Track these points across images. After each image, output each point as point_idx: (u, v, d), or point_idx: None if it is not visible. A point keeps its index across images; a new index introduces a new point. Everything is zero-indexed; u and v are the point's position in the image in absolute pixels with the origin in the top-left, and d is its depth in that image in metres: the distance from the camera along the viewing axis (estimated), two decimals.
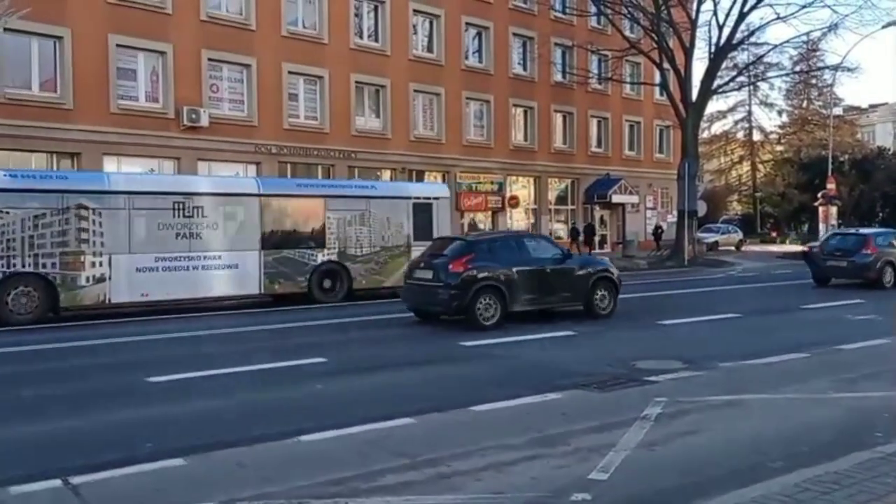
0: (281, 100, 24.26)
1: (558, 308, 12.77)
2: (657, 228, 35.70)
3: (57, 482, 4.75)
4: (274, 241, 15.53)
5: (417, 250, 16.42)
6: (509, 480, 4.71)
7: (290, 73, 24.43)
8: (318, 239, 16.09)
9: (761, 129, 58.75)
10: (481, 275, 11.56)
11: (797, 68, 47.49)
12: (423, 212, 17.55)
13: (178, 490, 4.68)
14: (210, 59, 22.64)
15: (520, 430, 5.79)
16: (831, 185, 35.19)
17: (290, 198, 16.17)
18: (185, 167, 22.15)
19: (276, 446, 5.51)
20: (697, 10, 29.31)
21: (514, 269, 11.86)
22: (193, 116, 21.82)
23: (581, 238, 32.53)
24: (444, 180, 29.41)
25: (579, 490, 4.51)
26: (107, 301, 13.64)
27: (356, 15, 26.45)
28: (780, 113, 58.51)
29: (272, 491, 4.57)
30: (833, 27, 29.82)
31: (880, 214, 50.12)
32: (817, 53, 44.90)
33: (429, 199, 18.00)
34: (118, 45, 20.88)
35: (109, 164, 20.94)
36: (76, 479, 4.79)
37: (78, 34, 20.09)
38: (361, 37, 26.59)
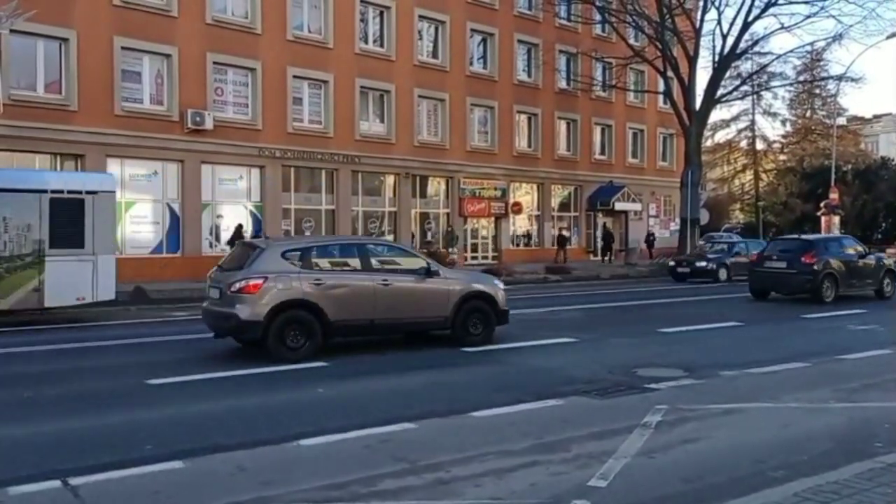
0: (285, 104, 24.32)
1: (859, 292, 16.22)
2: (649, 236, 35.47)
3: (56, 483, 4.77)
4: None
5: (57, 262, 13.03)
6: (508, 486, 4.71)
7: (294, 77, 24.50)
8: None
9: (764, 139, 58.69)
10: (824, 265, 15.93)
11: (801, 78, 47.52)
12: (68, 210, 13.36)
13: (177, 493, 4.69)
14: (215, 63, 22.71)
15: (520, 436, 5.79)
16: (834, 195, 35.14)
17: None
18: (188, 170, 22.23)
19: (276, 450, 5.52)
20: (701, 20, 29.39)
21: (839, 261, 16.04)
22: (198, 119, 21.88)
23: (600, 245, 32.64)
24: (447, 186, 29.51)
25: (578, 497, 4.51)
26: None
27: (361, 20, 26.54)
28: (783, 122, 58.44)
29: (272, 495, 4.57)
30: (837, 37, 29.96)
31: (883, 225, 50.07)
32: (821, 63, 44.93)
33: (78, 193, 13.58)
34: (123, 48, 20.97)
35: (113, 166, 21.01)
36: (75, 481, 4.80)
37: (83, 36, 20.18)
38: (366, 42, 26.67)
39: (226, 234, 23.48)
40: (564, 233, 32.33)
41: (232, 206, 23.69)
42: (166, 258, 21.76)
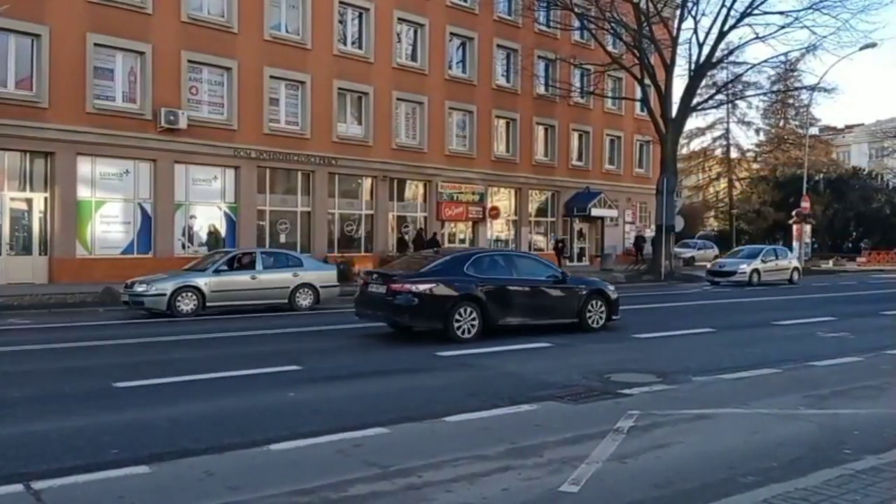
0: (261, 104, 24.12)
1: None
2: (639, 239, 34.89)
3: (19, 487, 4.66)
4: None
5: None
6: (480, 492, 4.68)
7: (271, 77, 24.31)
8: None
9: (739, 147, 59.50)
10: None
11: (775, 88, 48.18)
12: None
13: (142, 497, 4.59)
14: (190, 61, 22.46)
15: (493, 441, 5.77)
16: (806, 204, 35.76)
17: None
18: (161, 169, 21.95)
19: (245, 454, 5.44)
20: (678, 28, 29.70)
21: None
22: (171, 118, 21.61)
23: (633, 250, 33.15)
24: (425, 189, 29.50)
25: (550, 502, 4.51)
26: None
27: (340, 21, 26.43)
28: (757, 131, 59.32)
29: (239, 500, 4.51)
30: (811, 48, 30.42)
31: (854, 234, 51.02)
32: (795, 74, 45.59)
33: None
34: (96, 45, 20.66)
35: (84, 164, 20.70)
36: (38, 485, 4.69)
37: (56, 32, 19.85)
38: (345, 43, 26.57)
39: (201, 236, 23.27)
40: (409, 235, 28.52)
41: (205, 207, 23.44)
42: (137, 259, 21.45)
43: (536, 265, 13.23)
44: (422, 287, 11.12)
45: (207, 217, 23.48)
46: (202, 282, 14.94)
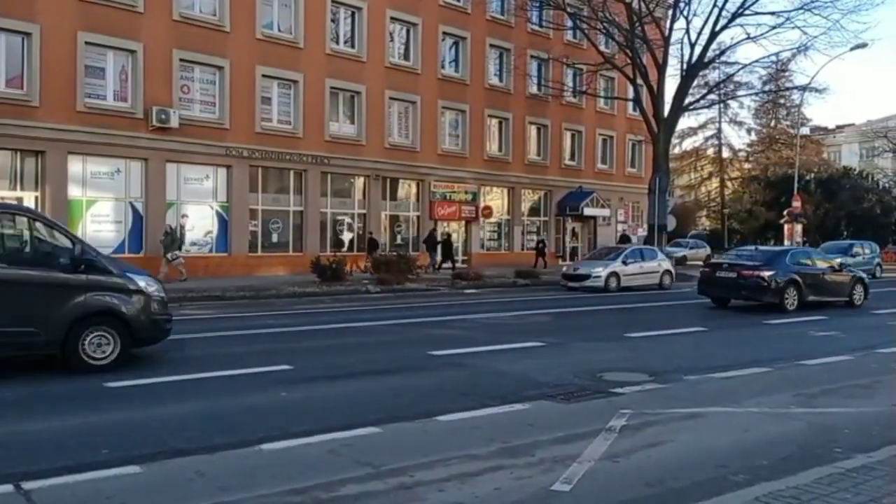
0: (254, 103, 24.06)
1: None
2: (623, 239, 35.07)
3: (9, 487, 4.64)
4: None
5: None
6: (472, 491, 4.68)
7: (263, 76, 24.25)
8: None
9: (730, 147, 59.76)
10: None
11: (766, 88, 48.37)
12: None
13: (132, 498, 4.57)
14: (182, 60, 22.38)
15: (485, 441, 5.76)
16: (797, 203, 35.89)
17: None
18: (152, 168, 21.85)
19: (236, 454, 5.42)
20: (670, 28, 29.74)
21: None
22: (163, 117, 21.52)
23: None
24: (418, 189, 29.49)
25: (541, 501, 4.51)
26: None
27: (332, 20, 26.39)
28: (748, 131, 59.60)
29: (229, 500, 4.49)
30: (802, 48, 30.41)
31: (844, 233, 51.26)
32: (786, 74, 45.78)
33: None
34: (87, 43, 20.56)
35: (74, 163, 20.59)
36: (28, 485, 4.66)
37: (47, 31, 19.74)
38: (337, 42, 26.53)
39: (190, 234, 23.14)
40: (373, 236, 26.92)
41: (197, 206, 23.36)
42: (128, 258, 21.33)
43: (823, 258, 18.11)
44: (766, 273, 15.84)
45: (200, 216, 23.40)
46: None
